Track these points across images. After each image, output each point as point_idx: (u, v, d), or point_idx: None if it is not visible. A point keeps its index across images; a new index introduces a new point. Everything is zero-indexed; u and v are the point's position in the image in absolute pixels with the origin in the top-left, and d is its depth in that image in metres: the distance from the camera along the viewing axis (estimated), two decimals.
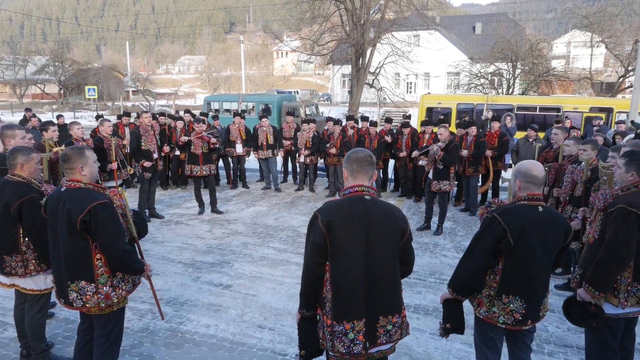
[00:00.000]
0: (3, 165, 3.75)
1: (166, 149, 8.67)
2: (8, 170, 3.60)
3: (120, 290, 3.14)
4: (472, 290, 2.94)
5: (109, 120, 7.57)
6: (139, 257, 3.30)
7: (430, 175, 7.58)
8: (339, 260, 2.54)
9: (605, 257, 3.02)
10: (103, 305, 3.07)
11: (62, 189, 3.06)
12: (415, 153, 8.73)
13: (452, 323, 2.98)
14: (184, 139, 8.35)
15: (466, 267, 2.92)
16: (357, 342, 2.54)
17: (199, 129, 8.36)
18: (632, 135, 7.80)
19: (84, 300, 3.04)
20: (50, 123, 5.72)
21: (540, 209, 2.84)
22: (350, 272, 2.54)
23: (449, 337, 3.08)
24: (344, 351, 2.54)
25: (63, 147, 5.53)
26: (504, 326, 2.88)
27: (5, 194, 3.50)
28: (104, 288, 3.05)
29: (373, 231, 2.55)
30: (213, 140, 8.33)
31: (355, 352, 2.54)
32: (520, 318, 2.84)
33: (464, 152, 8.35)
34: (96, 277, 3.03)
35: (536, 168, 2.86)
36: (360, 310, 2.55)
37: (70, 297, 3.04)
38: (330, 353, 2.65)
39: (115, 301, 3.12)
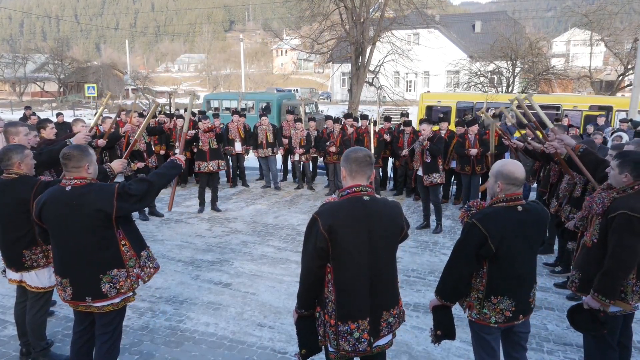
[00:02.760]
0: None
1: (191, 132, 8.53)
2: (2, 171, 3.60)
3: (148, 269, 3.27)
4: (459, 296, 2.96)
5: (110, 117, 7.57)
6: (165, 164, 3.48)
7: (420, 173, 7.61)
8: (343, 262, 2.55)
9: (613, 265, 3.02)
10: (136, 286, 3.17)
11: (68, 189, 3.01)
12: (405, 152, 8.64)
13: (442, 329, 2.99)
14: (191, 132, 8.37)
15: (451, 274, 2.92)
16: (362, 340, 2.58)
17: (204, 125, 8.42)
18: (621, 134, 7.78)
19: (117, 287, 3.08)
20: (48, 121, 5.68)
21: (520, 208, 2.82)
22: (354, 274, 2.56)
23: (441, 343, 3.07)
24: (349, 349, 2.58)
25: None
26: (496, 325, 2.88)
27: (16, 190, 3.49)
28: (134, 270, 3.16)
29: (374, 231, 2.56)
30: (217, 123, 8.43)
31: (360, 349, 2.59)
32: (511, 315, 2.87)
33: (473, 151, 8.31)
34: (125, 262, 3.11)
35: (518, 170, 2.85)
36: (365, 310, 2.58)
37: (103, 290, 3.05)
38: (330, 349, 2.66)
39: (146, 280, 3.23)
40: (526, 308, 2.93)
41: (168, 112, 12.93)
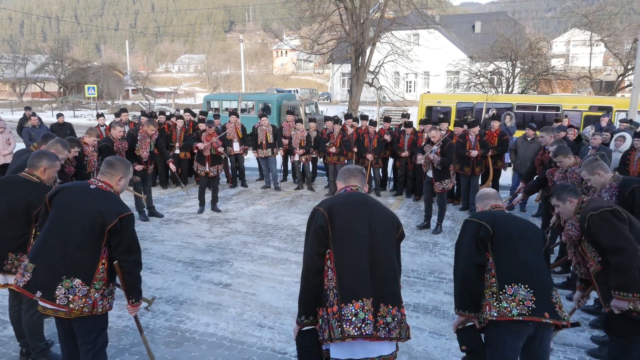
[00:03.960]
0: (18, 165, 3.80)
1: (173, 167, 8.64)
2: (25, 168, 3.63)
3: (106, 302, 3.11)
4: (473, 296, 2.88)
5: (121, 126, 7.52)
6: None
7: (430, 174, 7.57)
8: (343, 241, 2.60)
9: (618, 259, 3.05)
10: (87, 310, 2.99)
11: (92, 187, 3.10)
12: (420, 160, 8.04)
13: (467, 345, 2.90)
14: (201, 145, 8.35)
15: (457, 273, 2.96)
16: (368, 321, 2.51)
17: (210, 132, 8.47)
18: (624, 134, 7.77)
19: (69, 299, 2.92)
20: (77, 144, 5.50)
21: (507, 211, 3.19)
22: (355, 252, 2.60)
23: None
24: (355, 333, 2.49)
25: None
26: (520, 318, 2.72)
27: (29, 194, 3.51)
28: (95, 294, 3.00)
29: (373, 215, 2.69)
30: (220, 149, 8.50)
31: (367, 332, 2.50)
32: (533, 306, 2.73)
33: (474, 153, 8.30)
34: (94, 280, 2.99)
35: (484, 189, 3.40)
36: (367, 288, 2.57)
37: (55, 293, 2.92)
38: (333, 357, 2.61)
39: (99, 311, 3.05)
40: (550, 306, 2.77)
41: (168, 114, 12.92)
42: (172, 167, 8.61)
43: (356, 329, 2.49)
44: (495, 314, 2.79)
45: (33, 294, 2.97)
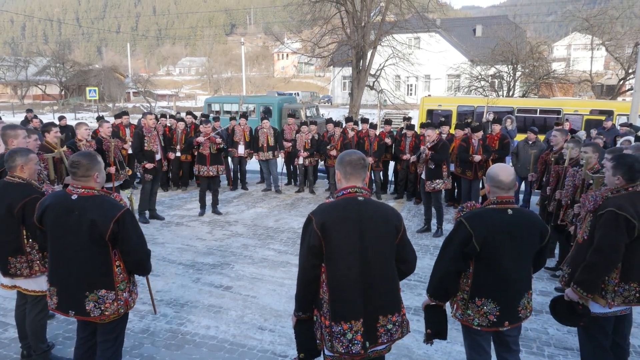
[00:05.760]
0: (3, 167, 3.77)
1: (171, 155, 8.64)
2: (7, 172, 3.61)
3: (135, 295, 3.18)
4: (446, 294, 2.97)
5: (107, 122, 7.54)
6: None
7: (423, 176, 7.60)
8: (335, 261, 2.57)
9: (594, 259, 3.07)
10: (122, 311, 3.04)
11: (74, 197, 2.92)
12: (413, 158, 8.52)
13: (432, 328, 3.02)
14: (200, 139, 8.38)
15: (437, 269, 2.98)
16: (356, 342, 2.57)
17: (207, 130, 8.47)
18: (630, 138, 7.79)
19: (102, 308, 2.97)
20: (52, 124, 5.70)
21: (510, 211, 2.85)
22: (346, 273, 2.57)
23: (433, 342, 3.13)
24: (343, 351, 2.57)
25: (65, 148, 5.54)
26: (479, 328, 2.92)
27: (9, 195, 3.49)
28: (124, 294, 3.04)
29: (367, 231, 2.58)
30: (219, 140, 8.47)
31: (354, 351, 2.57)
32: (495, 320, 2.88)
33: (477, 158, 8.27)
34: (116, 284, 2.99)
35: (503, 172, 2.87)
36: (358, 310, 2.57)
37: (87, 308, 2.95)
38: (327, 353, 2.66)
39: (132, 305, 3.13)
40: (513, 316, 2.90)
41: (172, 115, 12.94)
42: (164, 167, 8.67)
43: (344, 347, 2.57)
44: (459, 317, 3.00)
45: (67, 314, 3.01)
